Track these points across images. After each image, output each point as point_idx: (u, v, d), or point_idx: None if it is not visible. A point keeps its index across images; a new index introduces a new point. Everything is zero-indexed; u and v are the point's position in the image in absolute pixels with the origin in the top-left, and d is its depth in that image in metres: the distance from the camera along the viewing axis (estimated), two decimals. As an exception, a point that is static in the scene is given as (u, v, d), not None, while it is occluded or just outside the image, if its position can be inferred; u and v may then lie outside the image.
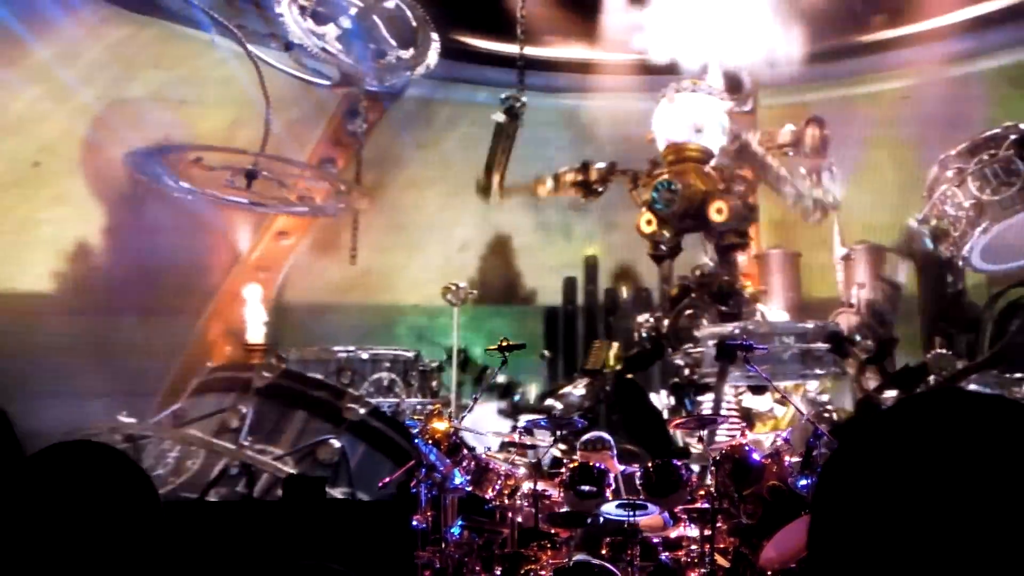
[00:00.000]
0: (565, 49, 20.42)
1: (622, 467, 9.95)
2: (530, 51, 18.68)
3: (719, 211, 16.28)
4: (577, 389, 15.15)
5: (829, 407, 14.60)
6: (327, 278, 20.39)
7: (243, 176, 17.11)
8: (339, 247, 20.00)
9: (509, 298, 21.82)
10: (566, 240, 21.11)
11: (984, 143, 13.18)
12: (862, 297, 15.91)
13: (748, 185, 16.83)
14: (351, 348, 17.07)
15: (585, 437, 10.54)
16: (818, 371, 14.71)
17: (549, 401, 15.41)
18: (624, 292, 19.98)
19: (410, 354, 17.56)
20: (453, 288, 17.04)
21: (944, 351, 14.12)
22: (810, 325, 15.06)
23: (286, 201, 18.14)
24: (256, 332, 19.00)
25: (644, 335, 16.25)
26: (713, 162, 16.84)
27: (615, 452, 10.42)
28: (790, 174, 16.53)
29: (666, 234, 16.75)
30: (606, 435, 10.65)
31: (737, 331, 14.55)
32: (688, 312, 16.03)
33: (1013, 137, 12.72)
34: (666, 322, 16.12)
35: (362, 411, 14.30)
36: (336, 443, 13.88)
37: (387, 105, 20.44)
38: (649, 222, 16.75)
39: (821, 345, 14.67)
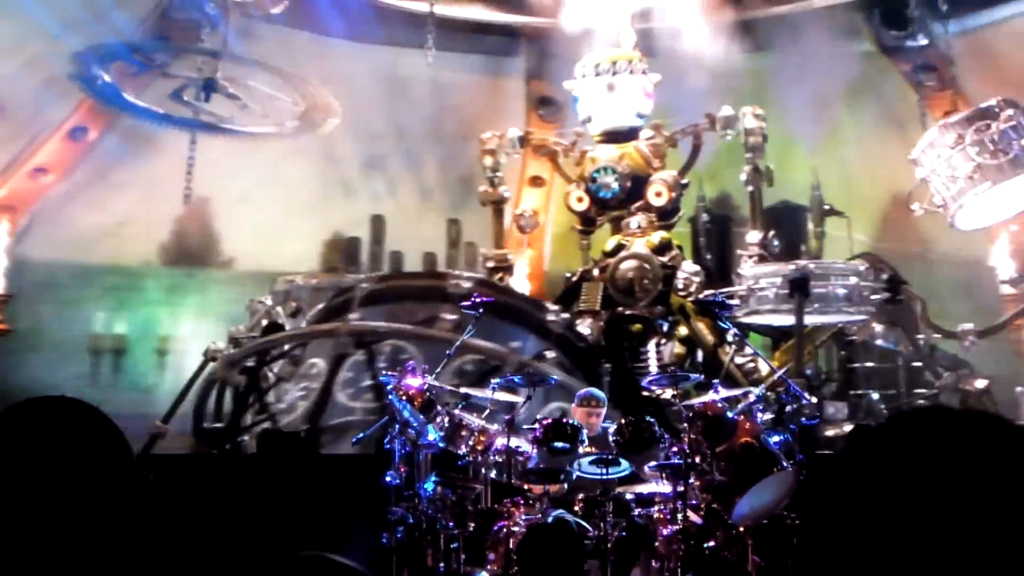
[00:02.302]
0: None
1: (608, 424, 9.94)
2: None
3: (658, 194, 16.16)
4: (584, 329, 15.10)
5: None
6: (78, 227, 17.97)
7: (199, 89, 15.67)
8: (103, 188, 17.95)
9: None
10: (349, 198, 19.72)
11: (980, 114, 13.68)
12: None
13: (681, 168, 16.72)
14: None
15: (580, 393, 10.53)
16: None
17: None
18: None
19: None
20: None
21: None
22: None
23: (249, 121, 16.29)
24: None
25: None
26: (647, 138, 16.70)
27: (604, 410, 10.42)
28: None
29: (595, 213, 16.63)
30: (599, 392, 10.65)
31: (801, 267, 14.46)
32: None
33: (1009, 112, 13.16)
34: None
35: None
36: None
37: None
38: (580, 199, 16.59)
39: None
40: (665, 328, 15.67)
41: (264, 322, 15.04)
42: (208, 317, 17.92)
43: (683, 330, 15.64)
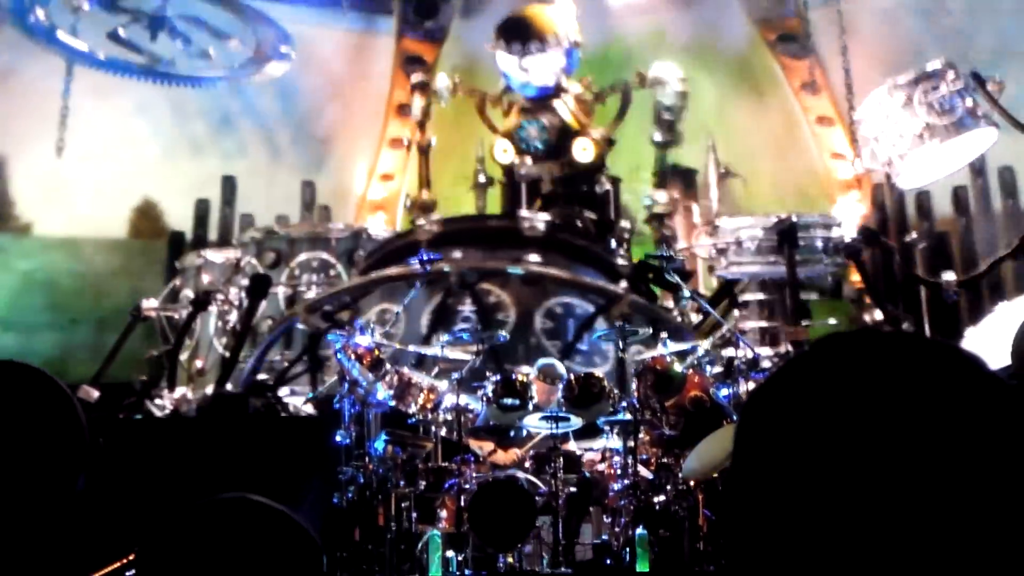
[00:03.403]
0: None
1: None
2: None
3: (584, 150, 16.11)
4: None
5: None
6: None
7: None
8: None
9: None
10: (197, 157, 18.50)
11: (926, 76, 14.08)
12: None
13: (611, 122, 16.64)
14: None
15: (541, 364, 10.35)
16: None
17: None
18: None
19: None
20: None
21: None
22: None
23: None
24: None
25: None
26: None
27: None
28: None
29: (523, 164, 16.49)
30: (560, 366, 10.44)
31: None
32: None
33: (952, 74, 13.52)
34: None
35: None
36: None
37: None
38: (505, 151, 16.47)
39: None
40: None
41: (240, 277, 14.63)
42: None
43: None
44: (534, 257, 13.08)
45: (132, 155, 17.13)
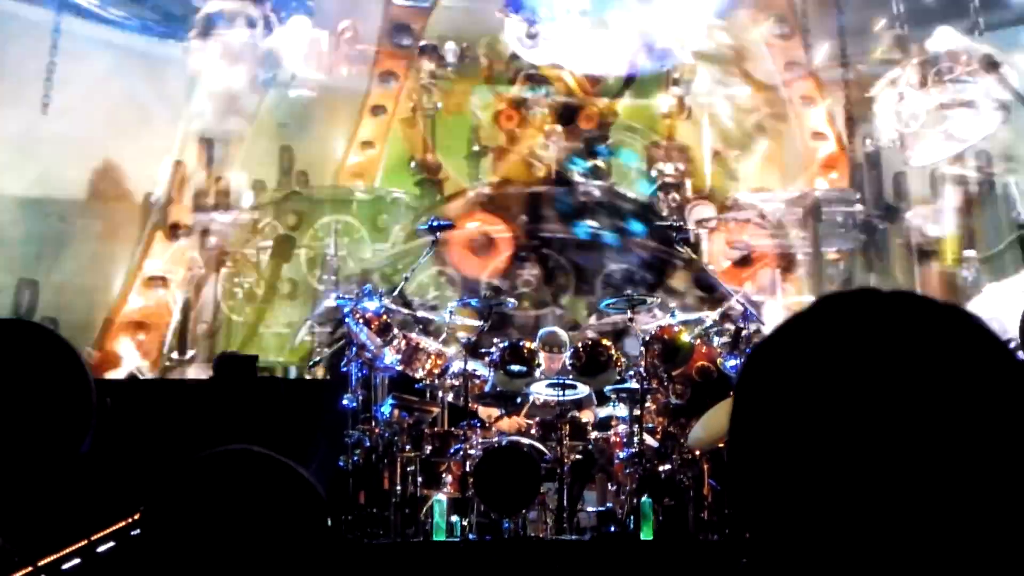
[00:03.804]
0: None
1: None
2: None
3: (588, 118, 16.11)
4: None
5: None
6: None
7: None
8: None
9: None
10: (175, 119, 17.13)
11: (941, 58, 14.26)
12: None
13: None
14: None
15: (543, 333, 10.30)
16: None
17: None
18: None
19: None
20: None
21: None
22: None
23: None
24: None
25: None
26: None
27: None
28: None
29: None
30: (563, 334, 10.42)
31: None
32: None
33: (964, 57, 13.65)
34: None
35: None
36: None
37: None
38: (510, 117, 16.41)
39: None
40: None
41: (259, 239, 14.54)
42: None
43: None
44: (591, 222, 13.13)
45: (106, 115, 16.59)
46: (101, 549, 6.95)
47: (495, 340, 9.89)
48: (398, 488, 8.92)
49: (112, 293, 14.92)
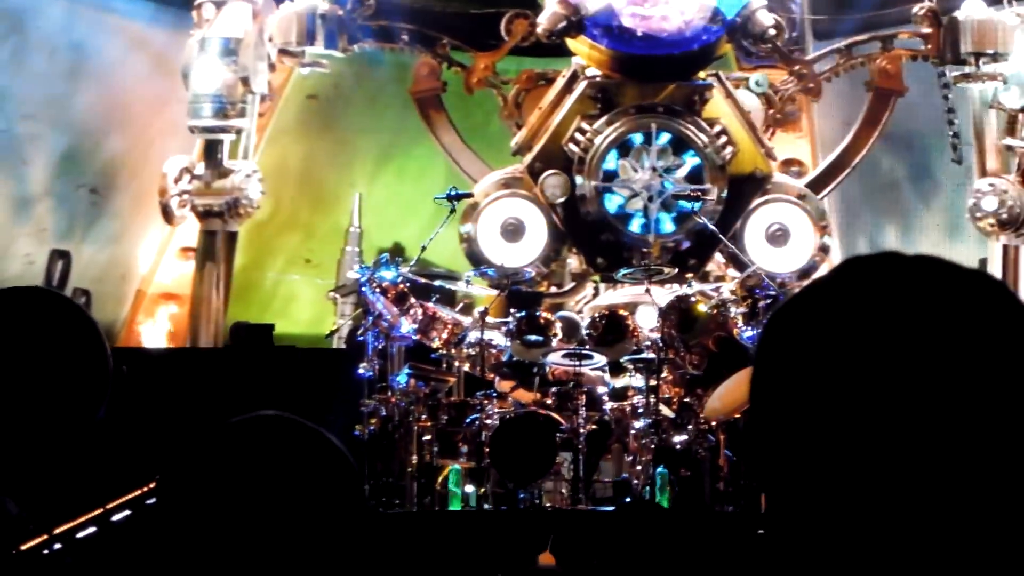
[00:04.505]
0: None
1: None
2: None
3: None
4: None
5: None
6: None
7: None
8: None
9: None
10: None
11: None
12: None
13: None
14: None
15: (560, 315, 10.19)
16: None
17: None
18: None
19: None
20: None
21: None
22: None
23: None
24: None
25: None
26: None
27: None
28: None
29: None
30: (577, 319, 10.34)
31: None
32: None
33: None
34: None
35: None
36: None
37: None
38: None
39: None
40: None
41: None
42: None
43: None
44: None
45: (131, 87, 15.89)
46: (116, 518, 6.96)
47: (511, 310, 9.88)
48: (414, 458, 8.92)
49: (144, 264, 14.86)
